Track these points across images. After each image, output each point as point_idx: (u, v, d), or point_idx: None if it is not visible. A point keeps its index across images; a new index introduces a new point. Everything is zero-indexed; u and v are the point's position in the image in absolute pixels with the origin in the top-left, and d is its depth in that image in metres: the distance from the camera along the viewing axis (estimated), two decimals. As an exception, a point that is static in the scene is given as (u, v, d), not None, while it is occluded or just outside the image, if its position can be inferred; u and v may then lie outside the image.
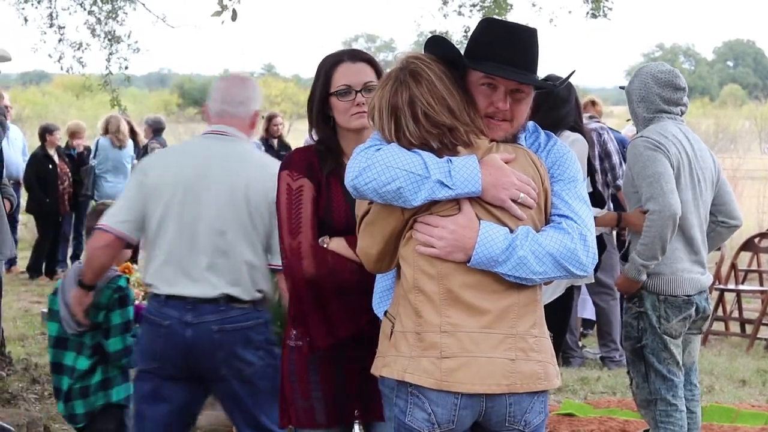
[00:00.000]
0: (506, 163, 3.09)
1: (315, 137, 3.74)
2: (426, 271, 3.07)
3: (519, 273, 3.04)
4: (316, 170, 3.64)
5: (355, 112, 3.61)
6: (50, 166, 12.58)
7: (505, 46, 3.13)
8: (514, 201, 3.07)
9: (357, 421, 3.75)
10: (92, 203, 13.60)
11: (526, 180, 3.09)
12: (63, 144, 13.32)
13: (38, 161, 12.54)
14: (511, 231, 3.06)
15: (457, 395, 3.02)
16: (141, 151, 13.08)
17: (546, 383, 3.12)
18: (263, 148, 13.21)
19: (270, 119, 13.39)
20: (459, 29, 9.72)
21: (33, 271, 12.85)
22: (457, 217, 3.05)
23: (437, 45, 3.20)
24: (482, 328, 3.04)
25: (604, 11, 8.94)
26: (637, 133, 5.08)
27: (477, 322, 3.04)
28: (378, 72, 3.66)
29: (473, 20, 9.53)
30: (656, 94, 4.94)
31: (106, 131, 12.89)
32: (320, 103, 3.67)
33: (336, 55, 3.70)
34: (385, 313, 3.27)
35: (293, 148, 13.51)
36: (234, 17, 7.14)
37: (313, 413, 3.63)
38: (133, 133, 13.31)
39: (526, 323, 3.09)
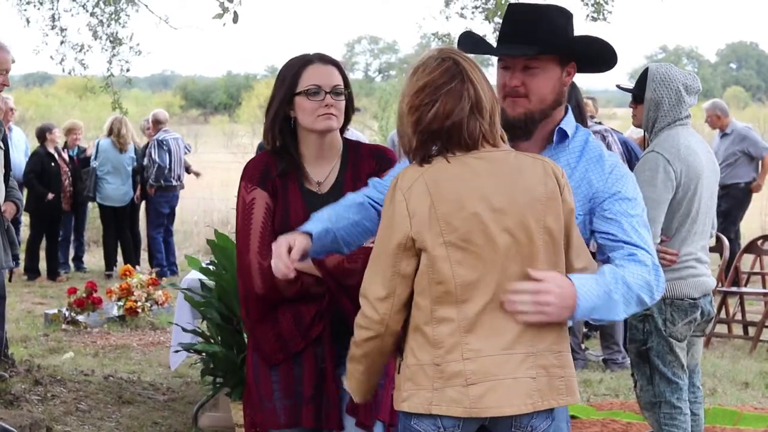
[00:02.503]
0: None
1: (270, 140, 3.65)
2: (441, 300, 2.98)
3: (608, 317, 3.05)
4: (271, 174, 3.61)
5: (323, 113, 3.56)
6: (53, 164, 12.61)
7: (507, 24, 3.27)
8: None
9: None
10: (91, 205, 13.62)
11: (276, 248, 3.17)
12: (61, 143, 13.35)
13: (40, 159, 12.56)
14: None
15: None
16: (145, 151, 13.05)
17: (568, 398, 3.06)
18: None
19: None
20: (461, 31, 9.71)
21: (30, 272, 12.84)
22: (552, 276, 2.98)
23: (470, 38, 3.29)
24: (503, 350, 2.98)
25: (604, 15, 8.94)
26: (644, 137, 5.05)
27: (497, 343, 2.97)
28: (345, 78, 3.63)
29: (475, 22, 9.54)
30: (686, 103, 4.91)
31: (110, 133, 12.92)
32: (283, 103, 3.60)
33: (304, 57, 3.65)
34: None
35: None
36: (235, 19, 7.14)
37: (275, 413, 3.64)
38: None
39: (546, 339, 3.02)
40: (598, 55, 3.40)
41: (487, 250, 2.97)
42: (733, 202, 11.68)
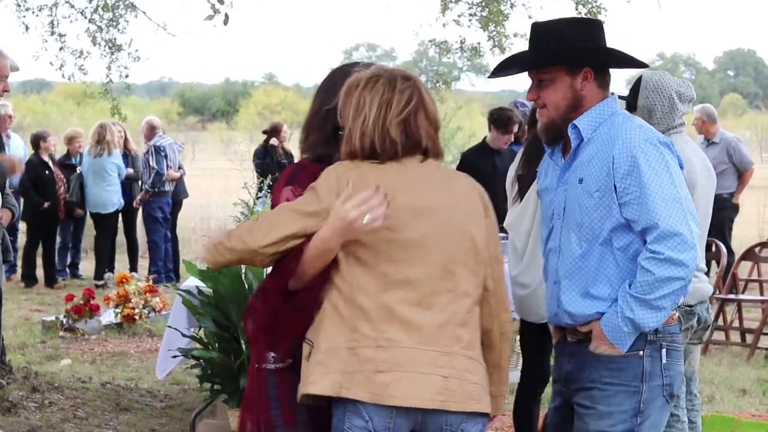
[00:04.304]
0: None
1: (314, 149, 3.54)
2: (363, 287, 3.10)
3: (653, 326, 3.38)
4: None
5: None
6: (47, 172, 12.59)
7: (529, 44, 3.62)
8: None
9: None
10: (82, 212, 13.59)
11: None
12: (58, 151, 13.36)
13: (34, 168, 12.52)
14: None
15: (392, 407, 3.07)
16: (145, 158, 13.06)
17: (479, 405, 3.16)
18: (265, 156, 13.26)
19: (276, 129, 13.49)
20: (457, 39, 9.77)
21: (28, 278, 12.82)
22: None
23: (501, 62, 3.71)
24: (417, 344, 3.09)
25: None
26: None
27: (412, 338, 3.09)
28: None
29: (471, 30, 9.59)
30: (679, 110, 4.90)
31: (92, 140, 12.87)
32: (334, 112, 3.45)
33: (356, 65, 3.56)
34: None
35: (295, 156, 13.58)
36: (226, 21, 7.16)
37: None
38: (125, 141, 13.33)
39: (460, 343, 3.15)
40: (608, 57, 3.61)
41: (410, 243, 3.13)
42: (722, 213, 11.45)
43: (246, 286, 5.70)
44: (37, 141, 12.69)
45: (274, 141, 13.21)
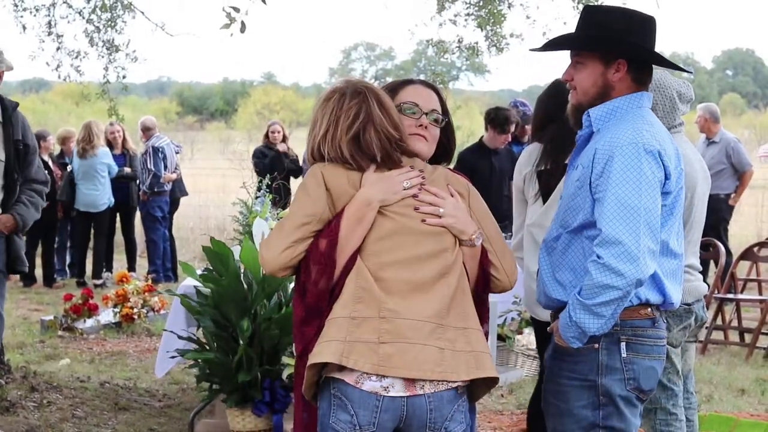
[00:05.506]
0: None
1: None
2: (364, 267, 3.22)
3: (594, 331, 3.39)
4: None
5: (414, 133, 3.49)
6: (46, 172, 12.57)
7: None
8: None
9: None
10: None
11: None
12: (56, 151, 13.37)
13: (33, 167, 12.54)
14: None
15: (379, 397, 3.11)
16: (143, 157, 13.06)
17: (479, 372, 3.22)
18: (266, 155, 13.28)
19: (267, 127, 13.60)
20: (453, 38, 9.76)
21: (27, 278, 12.81)
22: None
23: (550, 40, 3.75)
24: (416, 317, 3.17)
25: None
26: None
27: (411, 311, 3.17)
28: (444, 106, 3.61)
29: (467, 30, 9.58)
30: (680, 110, 4.90)
31: (79, 138, 12.86)
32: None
33: (405, 78, 3.71)
34: None
35: (296, 156, 13.61)
36: (243, 29, 7.17)
37: None
38: (123, 140, 13.35)
39: (453, 315, 3.23)
40: (645, 55, 3.62)
41: (398, 219, 3.28)
42: (717, 214, 11.36)
43: (245, 285, 5.70)
44: (36, 141, 12.67)
45: (281, 146, 13.26)
